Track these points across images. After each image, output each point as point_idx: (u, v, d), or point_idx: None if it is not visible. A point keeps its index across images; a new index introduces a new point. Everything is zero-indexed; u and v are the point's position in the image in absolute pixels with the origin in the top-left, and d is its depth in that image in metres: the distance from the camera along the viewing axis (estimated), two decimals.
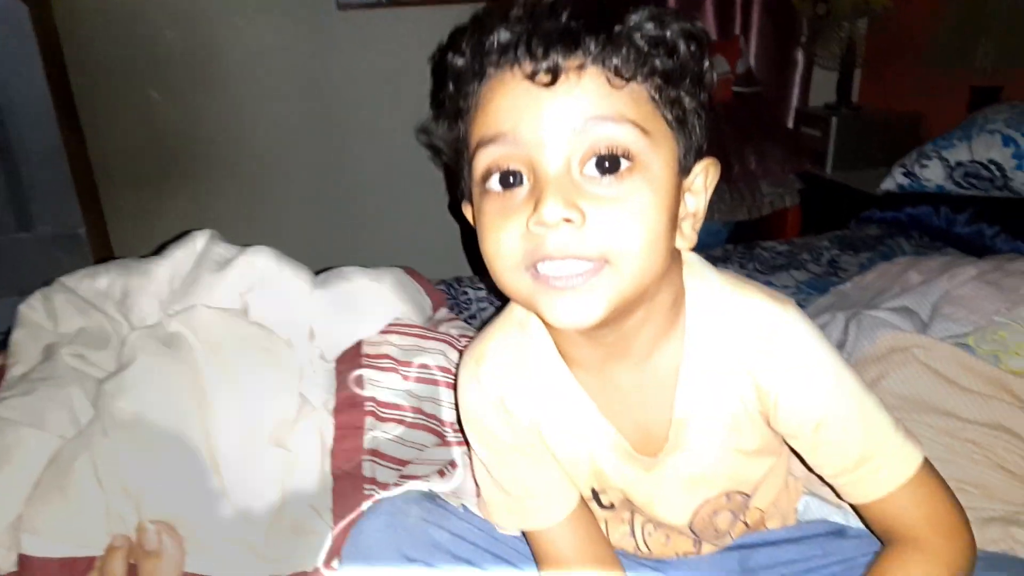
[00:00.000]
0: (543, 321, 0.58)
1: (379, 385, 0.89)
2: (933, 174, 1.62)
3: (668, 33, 0.56)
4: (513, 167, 0.56)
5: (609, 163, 0.54)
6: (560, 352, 0.69)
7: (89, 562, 0.75)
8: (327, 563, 0.78)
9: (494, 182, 0.57)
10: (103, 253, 2.32)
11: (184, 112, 2.24)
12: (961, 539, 0.65)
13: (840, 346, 1.05)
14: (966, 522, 0.66)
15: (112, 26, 2.10)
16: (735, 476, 0.71)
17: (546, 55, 0.54)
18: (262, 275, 0.90)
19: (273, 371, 0.83)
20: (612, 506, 0.75)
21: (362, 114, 2.35)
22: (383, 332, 0.94)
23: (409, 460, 0.88)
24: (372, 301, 0.94)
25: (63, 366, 0.83)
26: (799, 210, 2.29)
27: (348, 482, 0.83)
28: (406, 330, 0.94)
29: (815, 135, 2.36)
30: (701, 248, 1.91)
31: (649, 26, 0.56)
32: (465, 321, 1.36)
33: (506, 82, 0.56)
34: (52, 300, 0.89)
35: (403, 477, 0.90)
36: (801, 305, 1.43)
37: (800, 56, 2.52)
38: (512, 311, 0.72)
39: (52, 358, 0.84)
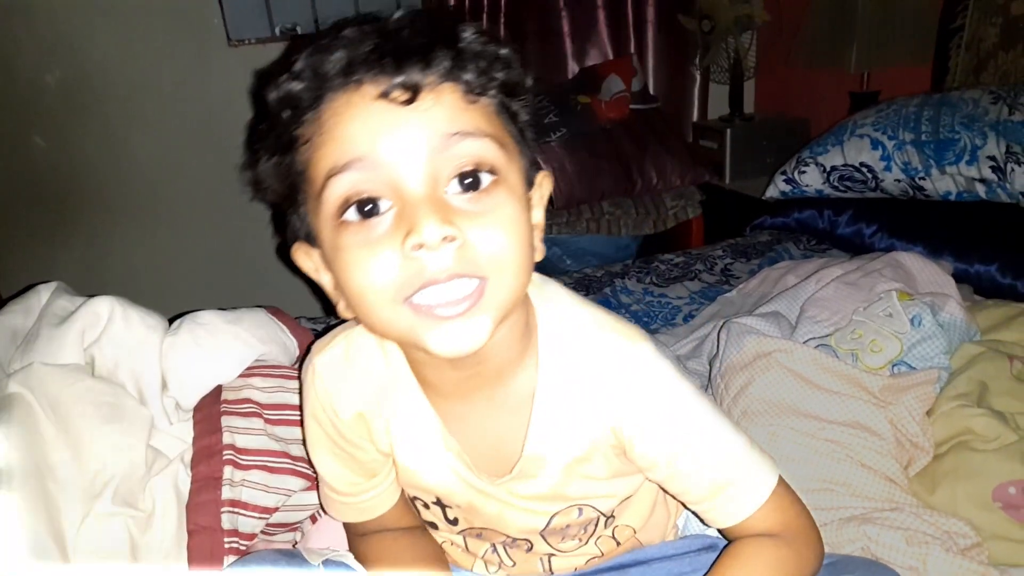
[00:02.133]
0: (424, 351, 0.56)
1: (239, 431, 0.86)
2: (811, 179, 1.68)
3: (502, 48, 0.56)
4: (374, 193, 0.53)
5: (472, 179, 0.53)
6: (415, 373, 0.67)
7: None
8: None
9: (352, 212, 0.53)
10: None
11: (71, 155, 2.16)
12: (810, 533, 0.67)
13: (716, 355, 1.07)
14: (813, 522, 0.68)
15: None
16: (585, 496, 0.70)
17: (399, 72, 0.52)
18: (107, 326, 0.86)
19: (118, 427, 0.80)
20: (457, 522, 0.74)
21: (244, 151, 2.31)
22: (243, 376, 0.91)
23: (276, 507, 0.85)
24: (230, 344, 0.91)
25: None
26: (702, 220, 2.34)
27: (205, 536, 0.79)
28: (269, 371, 0.92)
29: (712, 147, 2.42)
30: (610, 263, 1.94)
31: (485, 42, 0.56)
32: None
33: (355, 103, 0.53)
34: None
35: (272, 525, 0.88)
36: (692, 315, 1.46)
37: (696, 71, 2.60)
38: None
39: None
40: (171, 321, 0.93)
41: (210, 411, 0.87)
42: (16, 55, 2.04)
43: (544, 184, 0.63)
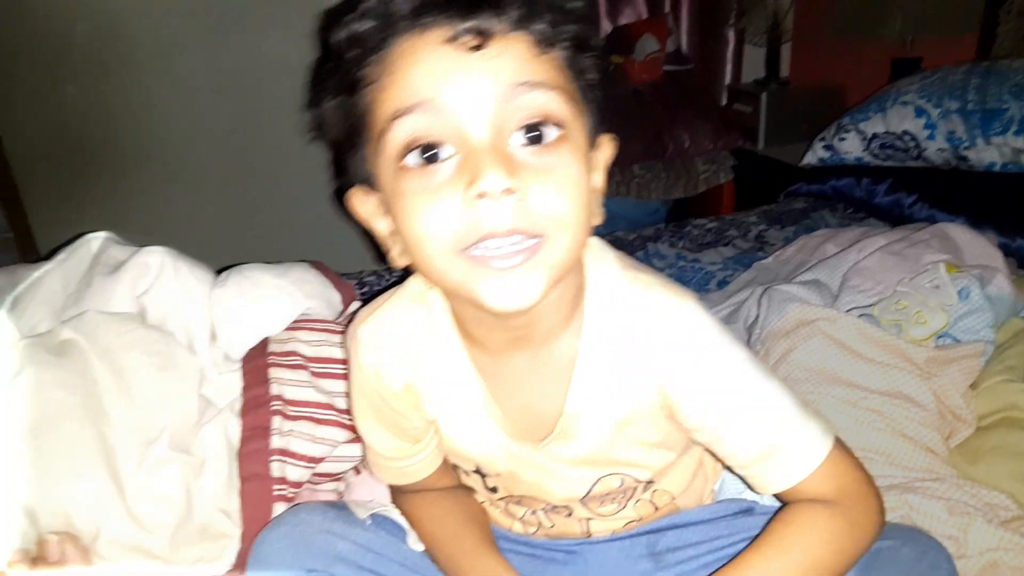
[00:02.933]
0: (476, 304, 0.55)
1: (287, 383, 0.87)
2: (851, 146, 1.65)
3: (574, 1, 0.55)
4: (437, 139, 0.52)
5: (537, 132, 0.52)
6: (460, 331, 0.67)
7: None
8: (238, 566, 0.78)
9: (414, 157, 0.52)
10: (31, 255, 2.25)
11: (99, 107, 2.16)
12: (869, 502, 0.64)
13: (755, 321, 1.07)
14: (876, 490, 0.65)
15: (22, 22, 2.02)
16: (629, 462, 0.70)
17: (470, 17, 0.51)
18: (158, 276, 0.87)
19: (171, 375, 0.81)
20: (496, 490, 0.75)
21: (285, 101, 2.30)
22: (289, 329, 0.92)
23: (322, 457, 0.87)
24: (276, 298, 0.92)
25: None
26: (733, 186, 2.32)
27: (256, 483, 0.81)
28: (314, 325, 0.93)
29: (746, 111, 2.38)
30: (641, 227, 1.93)
31: None
32: None
33: (422, 47, 0.52)
34: None
35: (318, 475, 0.90)
36: (726, 281, 1.46)
37: (731, 34, 2.55)
38: (409, 284, 0.69)
39: None
40: (218, 273, 0.94)
41: (258, 362, 0.88)
42: (45, 8, 2.03)
43: (607, 147, 0.62)
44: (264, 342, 0.91)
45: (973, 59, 1.90)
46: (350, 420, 0.89)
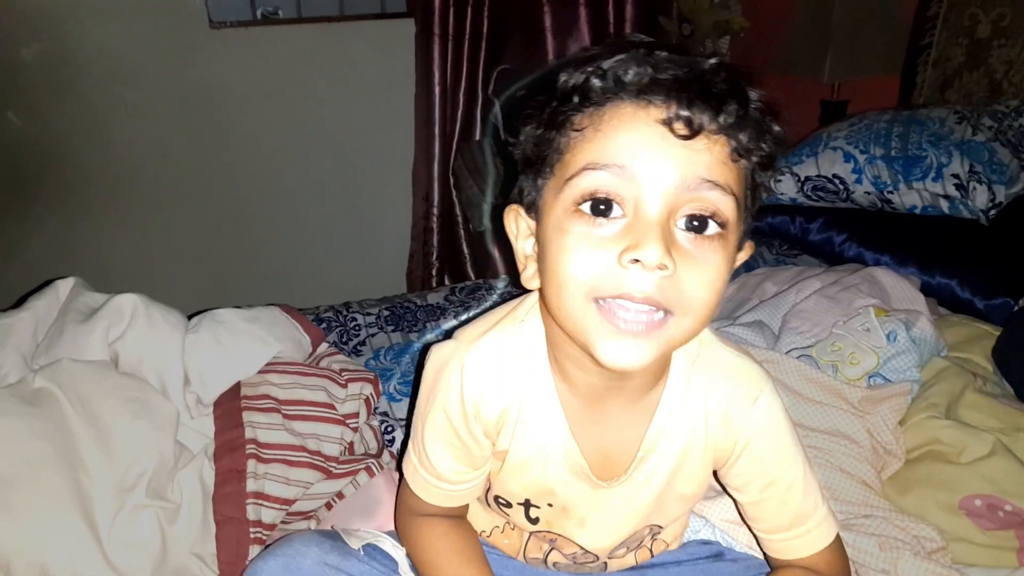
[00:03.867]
0: (589, 352, 0.59)
1: (260, 426, 0.89)
2: (787, 188, 1.76)
3: (776, 125, 0.59)
4: (616, 199, 0.56)
5: (700, 223, 0.57)
6: (553, 368, 0.70)
7: None
8: None
9: (587, 206, 0.57)
10: None
11: (47, 133, 2.12)
12: (845, 570, 0.76)
13: None
14: (848, 563, 0.76)
15: None
16: (664, 513, 0.76)
17: (690, 108, 0.55)
18: (130, 323, 0.88)
19: (146, 422, 0.83)
20: (537, 521, 0.77)
21: (240, 130, 2.30)
22: (262, 372, 0.94)
23: (295, 499, 0.89)
24: (248, 341, 0.94)
25: None
26: None
27: (233, 527, 0.83)
28: (285, 368, 0.95)
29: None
30: None
31: (766, 112, 0.58)
32: (354, 349, 1.37)
33: (638, 117, 0.56)
34: None
35: (289, 514, 0.91)
36: None
37: None
38: (515, 311, 0.73)
39: None
40: (189, 318, 0.96)
41: (230, 406, 0.90)
42: None
43: (746, 252, 0.65)
44: (236, 386, 0.93)
45: (896, 104, 2.04)
46: (322, 462, 0.92)
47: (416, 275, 2.59)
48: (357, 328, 1.45)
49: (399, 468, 0.82)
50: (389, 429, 1.16)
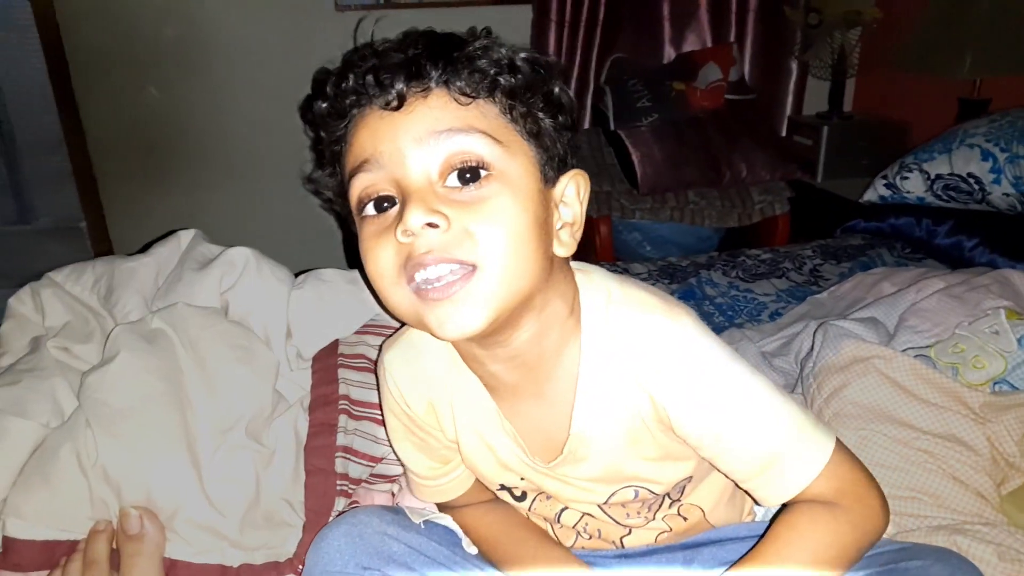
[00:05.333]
0: (430, 333, 0.61)
1: (353, 384, 0.91)
2: (914, 186, 1.65)
3: (509, 56, 0.62)
4: (382, 190, 0.60)
5: (468, 173, 0.59)
6: (465, 359, 0.72)
7: (72, 546, 0.78)
8: (298, 556, 0.82)
9: (369, 208, 0.62)
10: (102, 246, 2.36)
11: (181, 108, 2.27)
12: (870, 502, 0.65)
13: (808, 354, 1.08)
14: (878, 490, 0.66)
15: (112, 22, 2.14)
16: (639, 476, 0.72)
17: (393, 84, 0.59)
18: (241, 275, 0.92)
19: (249, 368, 0.86)
20: (524, 495, 0.78)
21: None
22: (359, 332, 0.97)
23: (381, 457, 0.91)
24: (349, 302, 0.97)
25: (48, 358, 0.86)
26: (788, 218, 2.32)
27: (320, 477, 0.86)
28: (381, 331, 0.97)
29: (806, 143, 2.38)
30: (690, 253, 1.93)
31: (491, 51, 0.61)
32: None
33: (366, 116, 0.61)
34: (40, 294, 0.92)
35: (374, 475, 0.94)
36: (778, 313, 1.46)
37: (794, 65, 2.55)
38: None
39: (38, 350, 0.87)
40: (296, 276, 0.99)
41: (328, 362, 0.93)
42: (139, 8, 2.15)
43: (576, 181, 0.66)
44: (335, 343, 0.95)
45: None
46: None
47: None
48: None
49: None
50: None
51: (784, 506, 0.67)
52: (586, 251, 2.43)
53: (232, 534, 0.81)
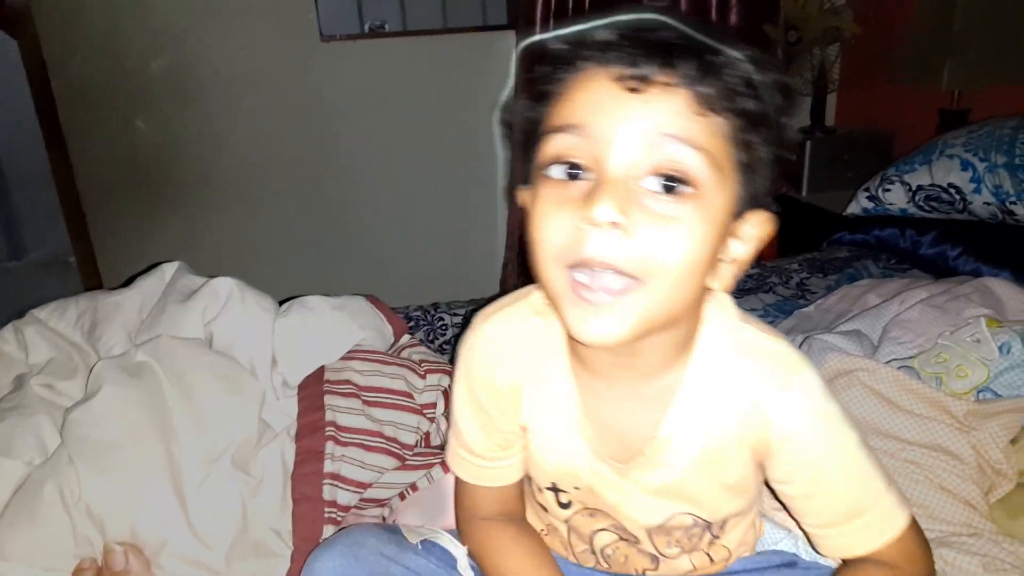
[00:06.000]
0: (565, 325, 0.59)
1: (340, 410, 0.91)
2: (896, 198, 1.66)
3: (762, 78, 0.57)
4: (578, 160, 0.57)
5: (672, 183, 0.55)
6: (569, 346, 0.70)
7: None
8: None
9: (556, 170, 0.58)
10: (92, 280, 2.36)
11: (170, 140, 2.28)
12: (926, 570, 0.68)
13: None
14: (932, 559, 0.69)
15: (99, 56, 2.16)
16: (703, 501, 0.72)
17: (639, 63, 0.55)
18: (225, 305, 0.93)
19: (235, 398, 0.86)
20: (569, 505, 0.76)
21: (345, 139, 2.40)
22: (344, 358, 0.97)
23: (370, 483, 0.91)
24: (334, 328, 0.98)
25: (32, 396, 0.86)
26: (775, 233, 2.32)
27: (308, 505, 0.85)
28: (367, 356, 0.97)
29: (790, 158, 2.39)
30: None
31: (746, 66, 0.56)
32: (439, 348, 1.39)
33: (594, 78, 0.57)
34: (23, 332, 0.92)
35: (364, 500, 0.93)
36: None
37: None
38: (535, 291, 0.73)
39: (22, 388, 0.88)
40: (281, 303, 1.00)
41: (314, 389, 0.93)
42: (126, 43, 2.16)
43: (762, 224, 0.62)
44: (320, 370, 0.96)
45: (1022, 112, 1.90)
46: (397, 448, 0.94)
47: (509, 284, 2.61)
48: (444, 328, 1.47)
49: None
50: None
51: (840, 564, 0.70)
52: None
53: (219, 566, 0.80)
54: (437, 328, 1.47)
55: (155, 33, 2.17)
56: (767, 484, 0.73)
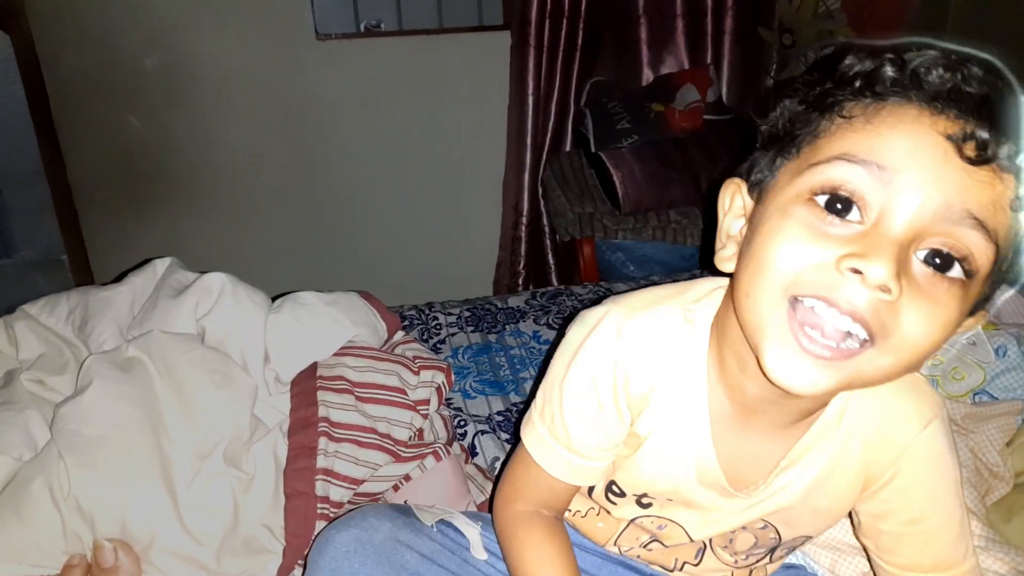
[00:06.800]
0: (757, 355, 0.53)
1: (333, 406, 0.91)
2: None
3: None
4: (856, 199, 0.50)
5: (943, 262, 0.49)
6: (715, 365, 0.65)
7: None
8: None
9: (826, 199, 0.51)
10: (84, 277, 2.34)
11: (162, 137, 2.27)
12: None
13: None
14: None
15: (93, 51, 2.14)
16: (793, 522, 0.70)
17: (986, 131, 0.48)
18: (218, 300, 0.92)
19: (227, 393, 0.85)
20: (650, 506, 0.73)
21: (338, 138, 2.39)
22: (337, 354, 0.96)
23: (363, 479, 0.90)
24: (326, 324, 0.97)
25: (22, 391, 0.85)
26: None
27: (301, 501, 0.85)
28: (360, 352, 0.97)
29: None
30: (673, 272, 1.96)
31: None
32: (434, 347, 1.39)
33: (922, 123, 0.50)
34: (13, 327, 0.91)
35: (357, 496, 0.93)
36: None
37: (771, 85, 2.58)
38: (687, 292, 0.68)
39: (11, 383, 0.86)
40: (273, 299, 0.99)
41: (307, 385, 0.92)
42: (120, 39, 2.15)
43: (978, 320, 0.58)
44: (313, 366, 0.95)
45: None
46: (391, 445, 0.93)
47: (503, 284, 2.60)
48: (438, 327, 1.46)
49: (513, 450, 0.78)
50: (462, 424, 1.16)
51: None
52: (569, 272, 2.44)
53: (210, 563, 0.79)
54: (432, 327, 1.46)
55: (149, 29, 2.15)
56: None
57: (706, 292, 0.67)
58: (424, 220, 2.54)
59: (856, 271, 0.48)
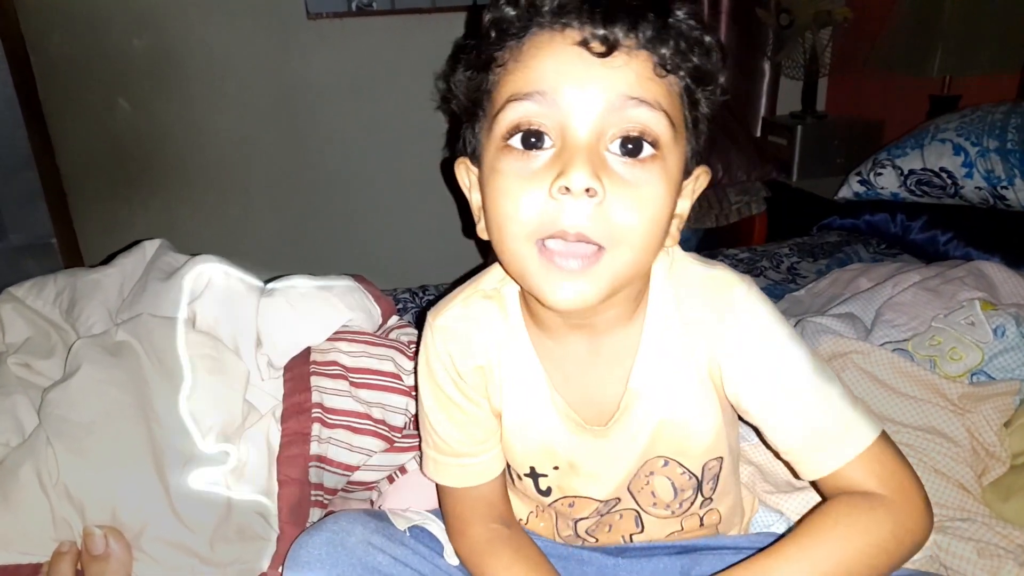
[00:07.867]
0: (536, 296, 0.59)
1: (327, 392, 0.89)
2: (887, 182, 1.66)
3: (707, 36, 0.59)
4: (542, 128, 0.56)
5: (634, 146, 0.56)
6: (527, 318, 0.71)
7: (34, 569, 0.76)
8: (273, 567, 0.79)
9: (517, 140, 0.57)
10: (74, 262, 2.31)
11: (152, 121, 2.24)
12: (915, 500, 0.63)
13: None
14: (923, 491, 0.64)
15: (80, 34, 2.11)
16: (675, 444, 0.71)
17: (604, 27, 0.54)
18: (209, 284, 0.90)
19: (218, 378, 0.84)
20: (549, 492, 0.76)
21: (330, 121, 2.36)
22: (331, 339, 0.95)
23: (357, 466, 0.89)
24: (320, 308, 0.95)
25: (8, 375, 0.84)
26: (766, 217, 2.32)
27: (294, 488, 0.84)
28: (354, 337, 0.95)
29: (781, 143, 2.40)
30: None
31: (693, 24, 0.58)
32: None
33: (554, 42, 0.56)
34: None
35: (351, 483, 0.92)
36: None
37: (767, 66, 2.56)
38: (483, 279, 0.75)
39: None
40: (265, 283, 0.97)
41: (300, 371, 0.91)
42: (107, 21, 2.11)
43: (701, 178, 0.65)
44: (306, 351, 0.93)
45: (1014, 99, 1.90)
46: (386, 431, 0.92)
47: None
48: None
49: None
50: None
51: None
52: None
53: (203, 550, 0.78)
54: (426, 311, 1.45)
55: (137, 10, 2.12)
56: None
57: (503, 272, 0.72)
58: (417, 203, 2.52)
59: (566, 189, 0.54)
